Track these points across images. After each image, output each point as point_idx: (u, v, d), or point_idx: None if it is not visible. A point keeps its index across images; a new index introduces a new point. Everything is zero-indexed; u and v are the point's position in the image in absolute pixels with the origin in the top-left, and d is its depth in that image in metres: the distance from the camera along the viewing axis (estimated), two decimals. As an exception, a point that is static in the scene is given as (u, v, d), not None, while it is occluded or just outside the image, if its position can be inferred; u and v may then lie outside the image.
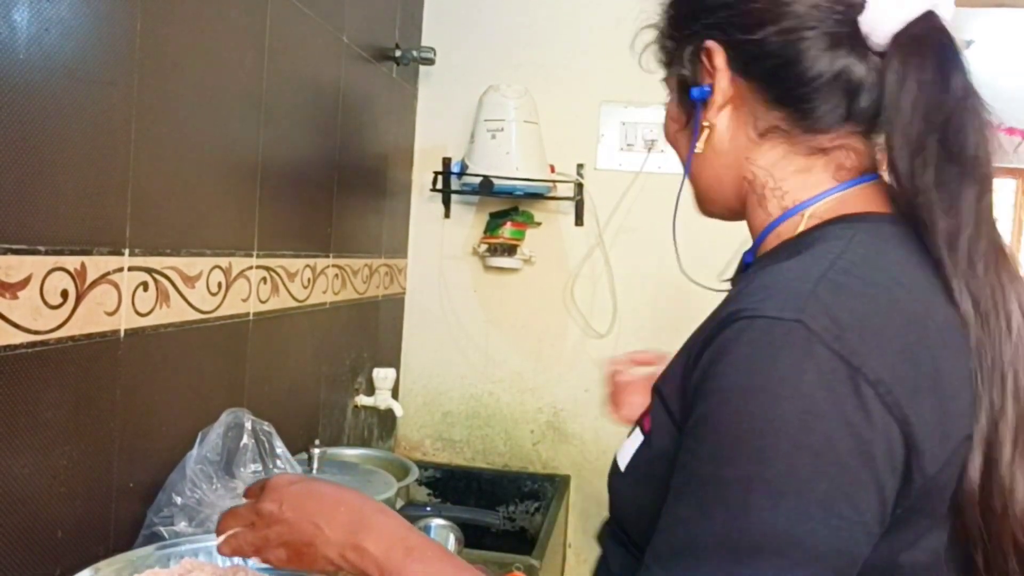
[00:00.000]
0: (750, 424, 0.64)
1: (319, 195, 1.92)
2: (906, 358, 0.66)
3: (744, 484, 0.63)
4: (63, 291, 1.08)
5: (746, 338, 0.66)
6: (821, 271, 0.69)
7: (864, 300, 0.68)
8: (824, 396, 0.63)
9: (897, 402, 0.64)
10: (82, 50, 1.09)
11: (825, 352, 0.64)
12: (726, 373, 0.66)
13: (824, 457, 0.62)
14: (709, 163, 0.86)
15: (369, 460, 1.95)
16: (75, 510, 1.15)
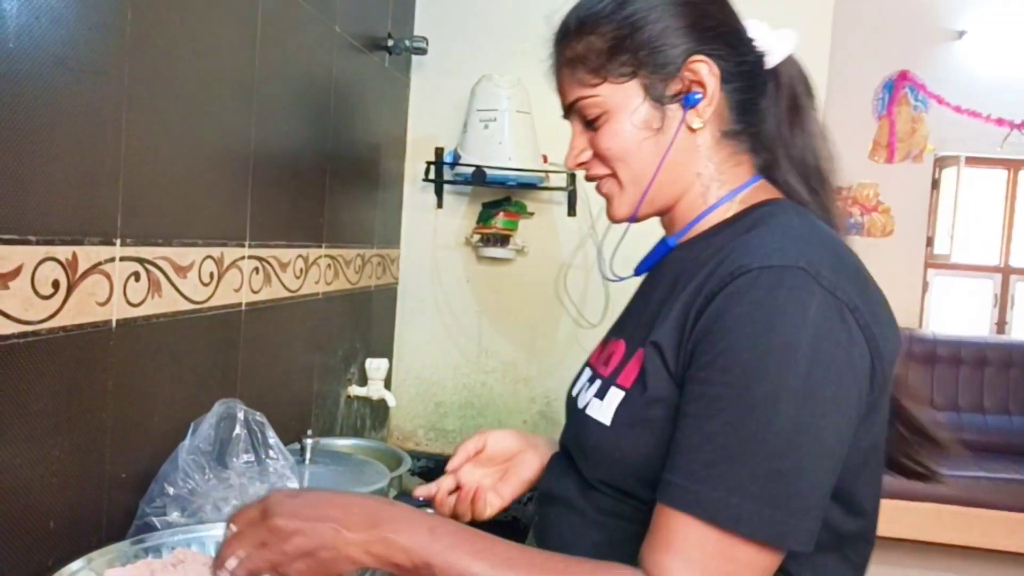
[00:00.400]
0: (772, 349, 0.80)
1: (311, 185, 1.92)
2: (864, 293, 0.87)
3: (772, 396, 0.79)
4: (54, 281, 1.08)
5: (761, 284, 0.83)
6: (796, 234, 0.90)
7: (828, 252, 0.88)
8: (823, 323, 0.82)
9: (867, 324, 0.85)
10: (72, 39, 1.09)
11: (820, 290, 0.82)
12: (745, 312, 0.83)
13: (829, 368, 0.81)
14: (673, 163, 1.01)
15: (362, 450, 1.95)
16: (68, 500, 1.15)
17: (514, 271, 2.60)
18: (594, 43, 1.00)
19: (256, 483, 1.29)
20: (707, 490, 0.80)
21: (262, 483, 1.30)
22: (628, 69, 0.99)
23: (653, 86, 0.99)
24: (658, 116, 1.00)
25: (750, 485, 0.79)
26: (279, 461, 1.35)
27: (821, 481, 0.82)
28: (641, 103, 0.99)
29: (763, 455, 0.79)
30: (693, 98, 0.99)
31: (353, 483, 1.50)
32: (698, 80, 0.98)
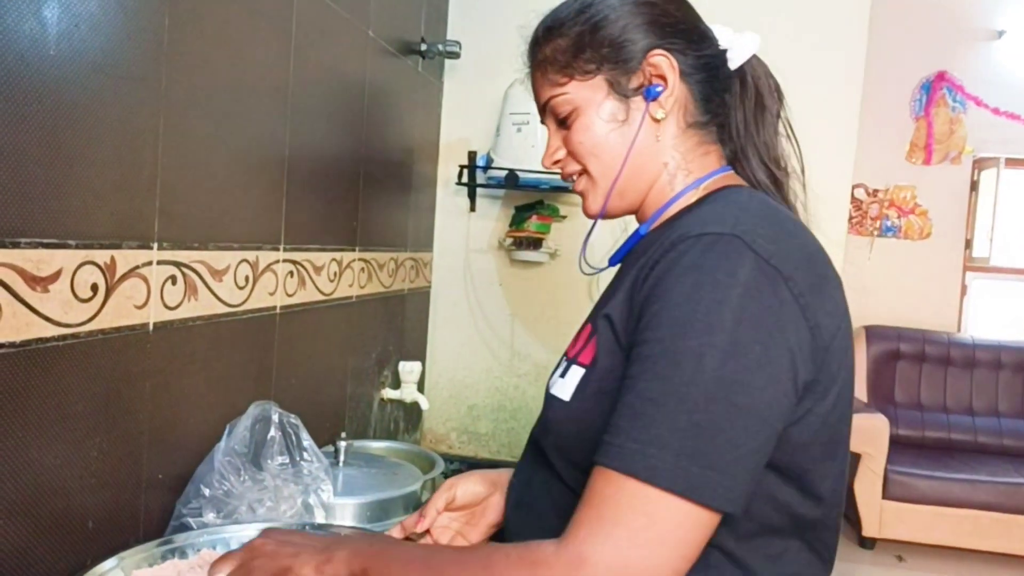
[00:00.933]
0: (699, 306, 0.83)
1: (345, 189, 1.93)
2: (806, 264, 0.89)
3: (696, 351, 0.81)
4: (93, 284, 1.09)
5: (694, 249, 0.86)
6: (740, 207, 0.94)
7: (773, 223, 0.91)
8: (754, 286, 0.84)
9: (803, 294, 0.86)
10: (111, 46, 1.10)
11: (754, 256, 0.85)
12: (678, 274, 0.86)
13: (756, 328, 0.83)
14: (640, 153, 1.05)
15: (395, 453, 1.96)
16: (105, 501, 1.16)
17: (547, 274, 2.60)
18: (560, 44, 1.07)
19: (291, 485, 1.30)
20: (629, 443, 0.81)
21: (296, 485, 1.31)
22: (592, 66, 1.05)
23: (616, 81, 1.05)
24: (623, 108, 1.05)
25: (669, 437, 0.79)
26: (313, 463, 1.36)
27: (744, 440, 0.81)
28: (606, 97, 1.05)
29: (684, 408, 0.80)
30: (654, 90, 1.04)
31: (387, 485, 1.50)
32: (659, 73, 1.04)
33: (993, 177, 5.05)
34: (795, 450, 0.89)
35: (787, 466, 0.90)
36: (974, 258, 5.18)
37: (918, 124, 5.16)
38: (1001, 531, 4.05)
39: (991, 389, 4.70)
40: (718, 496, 0.79)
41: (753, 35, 1.11)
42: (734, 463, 0.81)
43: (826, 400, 0.90)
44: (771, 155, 1.12)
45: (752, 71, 1.12)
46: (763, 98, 1.12)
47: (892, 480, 4.12)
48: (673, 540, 0.79)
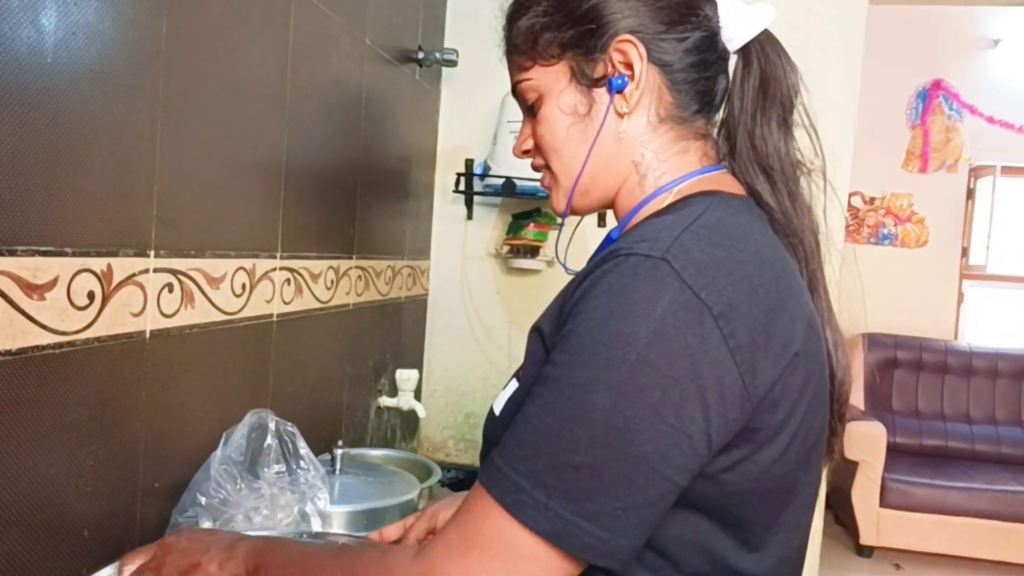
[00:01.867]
0: (604, 336, 0.75)
1: (342, 197, 1.93)
2: (750, 297, 0.78)
3: (588, 385, 0.74)
4: (89, 292, 1.09)
5: (618, 270, 0.77)
6: (685, 225, 0.81)
7: (719, 248, 0.80)
8: (672, 322, 0.74)
9: (734, 333, 0.75)
10: (108, 53, 1.10)
11: (681, 286, 0.75)
12: (595, 296, 0.77)
13: (661, 372, 0.73)
14: (604, 151, 0.96)
15: (392, 461, 1.96)
16: (101, 510, 1.16)
17: (544, 282, 2.60)
18: (523, 25, 0.98)
19: (287, 493, 1.30)
20: (507, 469, 0.76)
21: (293, 493, 1.31)
22: (555, 50, 0.96)
23: (579, 68, 0.95)
24: (585, 101, 0.95)
25: (545, 475, 0.73)
26: (310, 471, 1.36)
27: (627, 492, 0.73)
28: (567, 86, 0.96)
29: (564, 445, 0.73)
30: (618, 81, 0.93)
31: (383, 493, 1.50)
32: (626, 61, 0.93)
33: (989, 185, 5.07)
34: (730, 499, 0.81)
35: (723, 514, 0.82)
36: (970, 266, 5.20)
37: (914, 132, 5.18)
38: (999, 539, 4.05)
39: (988, 397, 4.71)
40: (586, 547, 0.73)
41: (766, 7, 0.97)
42: (610, 515, 0.73)
43: (770, 447, 0.81)
44: (768, 152, 0.96)
45: (759, 51, 0.96)
46: (769, 83, 0.96)
47: (889, 488, 4.12)
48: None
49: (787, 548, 0.89)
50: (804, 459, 0.85)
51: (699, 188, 0.93)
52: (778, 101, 0.96)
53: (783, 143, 0.97)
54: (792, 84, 0.97)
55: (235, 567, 0.93)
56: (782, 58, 0.97)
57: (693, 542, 0.82)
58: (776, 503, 0.85)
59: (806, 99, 0.99)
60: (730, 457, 0.79)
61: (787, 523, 0.87)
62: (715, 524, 0.82)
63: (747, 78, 0.96)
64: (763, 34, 0.97)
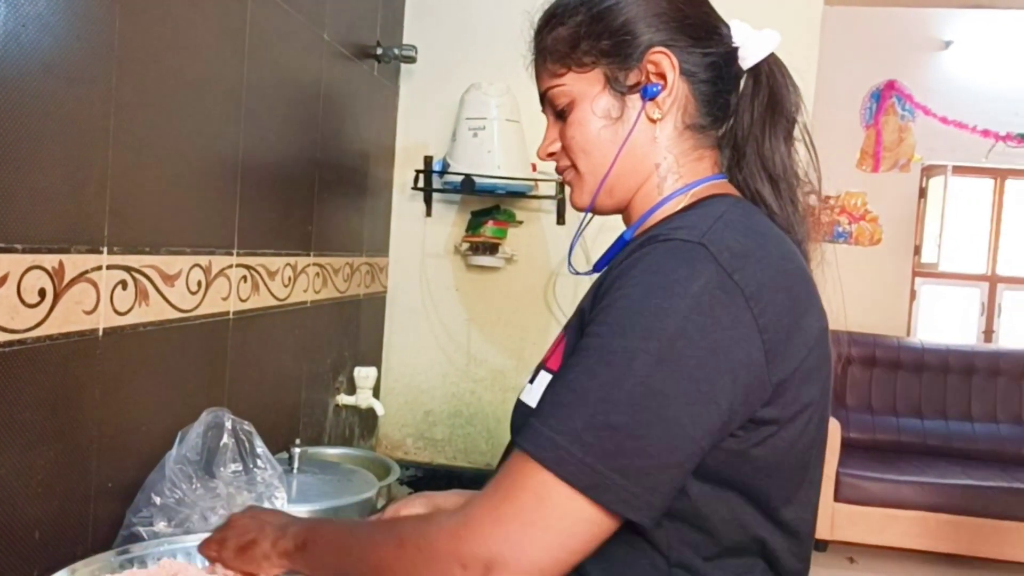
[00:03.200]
0: (645, 309, 0.81)
1: (300, 193, 1.91)
2: (776, 283, 0.86)
3: (629, 352, 0.80)
4: (40, 290, 1.07)
5: (657, 252, 0.85)
6: (715, 217, 0.90)
7: (748, 237, 0.88)
8: (708, 300, 0.81)
9: (763, 314, 0.83)
10: (60, 47, 1.08)
11: (717, 268, 0.82)
12: (634, 275, 0.84)
13: (697, 343, 0.80)
14: (632, 153, 1.02)
15: (350, 459, 1.95)
16: (53, 510, 1.14)
17: (503, 279, 2.60)
18: (561, 33, 1.02)
19: (244, 492, 1.29)
20: (545, 429, 0.80)
21: (250, 492, 1.29)
22: (591, 58, 1.01)
23: (614, 76, 1.01)
24: (618, 106, 1.01)
25: (583, 432, 0.79)
26: (267, 470, 1.34)
27: (659, 451, 0.80)
28: (602, 92, 1.01)
29: (603, 407, 0.79)
30: (652, 89, 1.00)
31: (342, 492, 1.49)
32: (659, 71, 0.99)
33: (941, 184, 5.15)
34: (759, 473, 0.88)
35: (751, 488, 0.88)
36: (923, 264, 5.29)
37: (868, 132, 5.26)
38: (949, 532, 4.12)
39: (939, 392, 4.79)
40: (619, 501, 0.79)
41: (773, 33, 1.05)
42: (644, 472, 0.79)
43: (794, 424, 0.88)
44: (775, 162, 1.04)
45: (768, 71, 1.05)
46: (777, 101, 1.05)
47: (843, 483, 4.18)
48: (558, 529, 0.79)
49: (803, 523, 0.95)
50: (817, 437, 0.94)
51: (712, 191, 1.01)
52: (784, 117, 1.05)
53: (787, 155, 1.05)
54: (795, 102, 1.06)
55: (286, 543, 0.98)
56: (787, 79, 1.06)
57: (728, 515, 0.88)
58: (795, 479, 0.92)
59: (808, 118, 1.08)
60: (760, 433, 0.86)
61: (801, 499, 0.94)
62: (743, 498, 0.89)
63: (757, 95, 1.05)
64: (771, 56, 1.06)
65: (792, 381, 0.86)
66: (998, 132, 5.16)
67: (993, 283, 5.47)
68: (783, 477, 0.91)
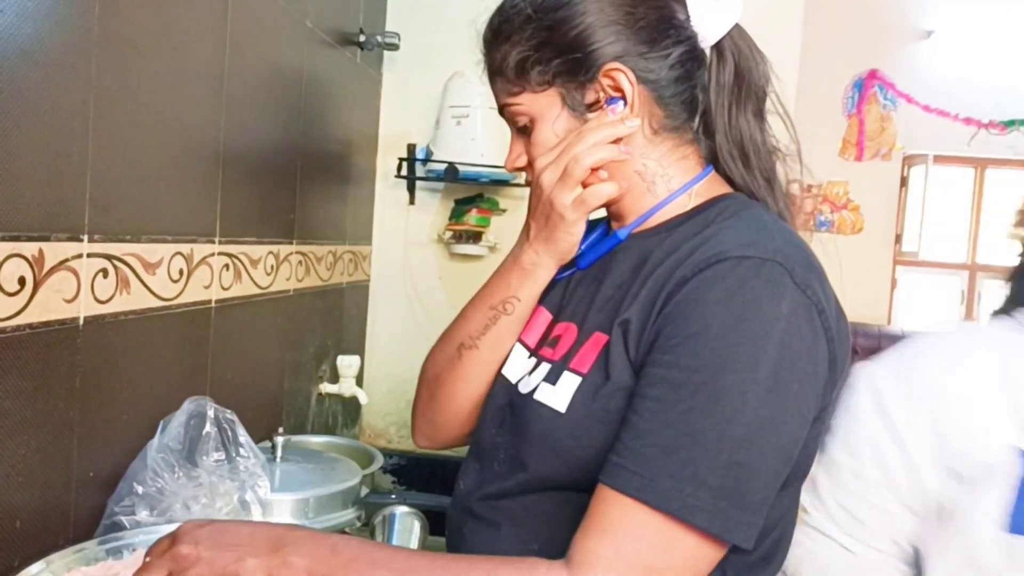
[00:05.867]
0: (745, 337, 0.79)
1: (282, 181, 1.91)
2: (825, 290, 0.86)
3: (740, 386, 0.78)
4: (20, 278, 1.06)
5: (737, 273, 0.82)
6: (768, 228, 0.89)
7: (799, 249, 0.87)
8: (796, 320, 0.81)
9: (830, 327, 0.84)
10: (39, 32, 1.07)
11: (794, 285, 0.82)
12: (719, 299, 0.81)
13: (796, 366, 0.80)
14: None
15: (333, 448, 1.94)
16: (34, 500, 1.14)
17: (487, 268, 2.58)
18: (510, 53, 0.98)
19: (227, 481, 1.28)
20: (663, 478, 0.78)
21: (232, 481, 1.29)
22: (545, 78, 0.97)
23: (570, 95, 0.97)
24: (579, 125, 0.97)
25: (708, 476, 0.77)
26: (250, 459, 1.34)
27: (772, 479, 0.81)
28: (560, 111, 0.97)
29: (724, 446, 0.78)
30: (613, 103, 0.96)
31: (325, 481, 1.49)
32: (616, 87, 0.95)
33: (922, 173, 5.18)
34: (796, 478, 0.90)
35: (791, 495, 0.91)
36: (904, 252, 5.32)
37: (850, 121, 5.28)
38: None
39: (919, 380, 4.82)
40: (747, 536, 0.79)
41: (733, 3, 1.00)
42: (762, 502, 0.80)
43: (819, 432, 0.90)
44: (746, 138, 1.01)
45: (732, 45, 1.01)
46: (743, 75, 1.01)
47: (825, 470, 4.21)
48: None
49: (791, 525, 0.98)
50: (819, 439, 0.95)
51: (714, 190, 0.99)
52: (752, 92, 1.01)
53: (759, 132, 1.02)
54: (764, 74, 1.02)
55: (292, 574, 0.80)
56: (753, 50, 1.02)
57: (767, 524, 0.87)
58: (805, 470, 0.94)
59: (777, 87, 1.04)
60: (812, 431, 0.87)
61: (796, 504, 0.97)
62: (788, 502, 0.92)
63: (722, 72, 1.00)
64: (734, 28, 1.01)
65: (834, 387, 0.89)
66: (980, 120, 5.19)
67: (973, 271, 5.51)
68: (803, 476, 0.93)
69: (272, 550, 0.81)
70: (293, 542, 0.82)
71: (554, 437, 0.90)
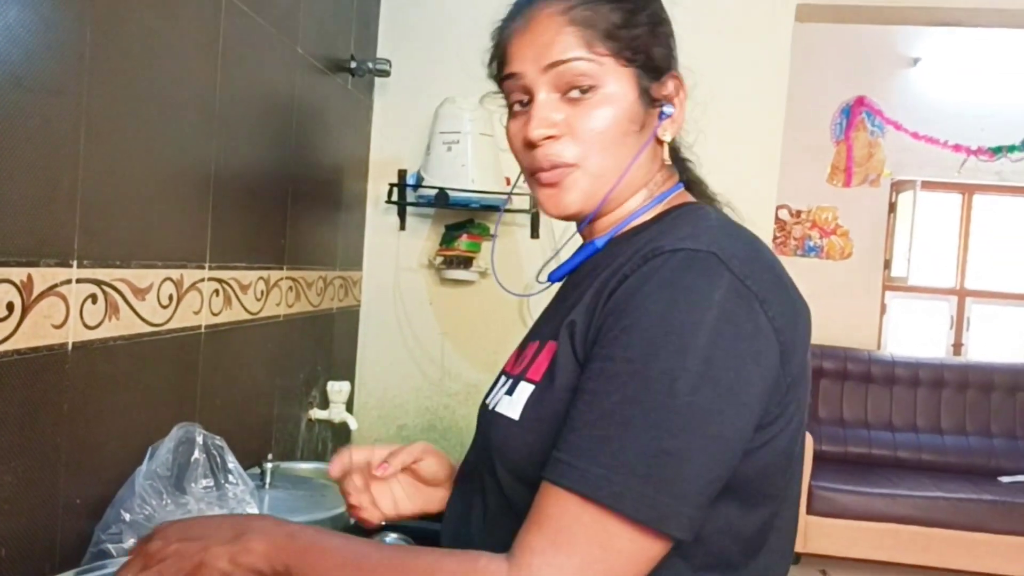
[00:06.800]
0: (672, 325, 0.79)
1: (273, 207, 1.91)
2: (777, 286, 0.86)
3: (669, 374, 0.78)
4: (8, 304, 1.06)
5: (670, 264, 0.83)
6: (711, 224, 0.90)
7: (745, 243, 0.88)
8: (730, 308, 0.80)
9: (776, 318, 0.83)
10: (30, 58, 1.07)
11: (730, 276, 0.81)
12: (651, 290, 0.82)
13: (731, 354, 0.80)
14: (638, 167, 0.98)
15: (323, 475, 1.93)
16: (20, 527, 1.12)
17: (477, 293, 2.60)
18: (610, 12, 0.93)
19: (215, 508, 1.27)
20: (593, 467, 0.77)
21: (221, 508, 1.28)
22: (632, 56, 0.93)
23: (645, 86, 0.95)
24: (642, 117, 0.96)
25: (636, 463, 0.76)
26: (239, 486, 1.33)
27: (709, 468, 0.79)
28: (635, 99, 0.94)
29: (653, 434, 0.77)
30: (668, 110, 0.98)
31: (314, 507, 1.48)
32: (675, 94, 0.99)
33: (910, 199, 5.21)
34: (758, 473, 0.86)
35: (750, 495, 0.87)
36: (893, 277, 5.33)
37: (839, 147, 5.31)
38: (921, 544, 4.15)
39: (909, 405, 4.83)
40: (682, 526, 0.77)
41: None
42: (699, 492, 0.78)
43: (792, 423, 0.88)
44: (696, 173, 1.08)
45: None
46: None
47: (816, 495, 4.20)
48: (623, 569, 0.77)
49: (790, 522, 0.95)
50: (801, 431, 0.93)
51: (679, 200, 1.01)
52: None
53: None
54: None
55: (253, 561, 0.84)
56: None
57: (723, 525, 0.86)
58: (786, 475, 0.91)
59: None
60: (767, 433, 0.85)
61: (789, 495, 0.94)
62: (742, 507, 0.87)
63: None
64: None
65: (797, 381, 0.87)
66: (969, 147, 5.23)
67: (962, 297, 5.53)
68: (777, 475, 0.90)
69: (234, 537, 0.85)
70: (254, 530, 0.86)
71: (509, 445, 0.91)
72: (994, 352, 5.31)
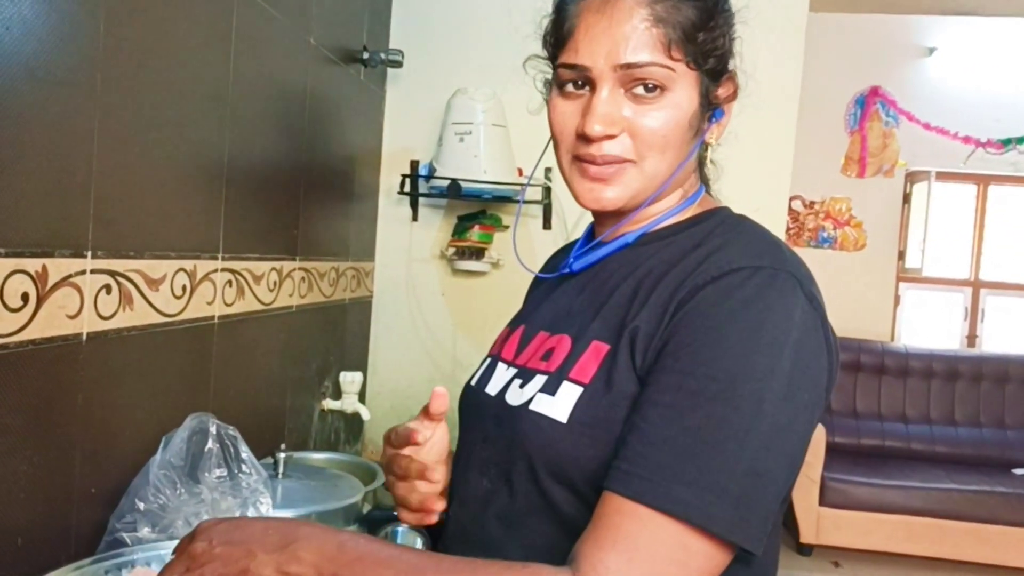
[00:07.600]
0: (760, 346, 0.80)
1: (285, 197, 1.91)
2: (823, 304, 0.88)
3: (758, 394, 0.79)
4: (23, 294, 1.06)
5: (754, 282, 0.83)
6: (774, 241, 0.91)
7: (801, 262, 0.90)
8: (808, 329, 0.83)
9: (830, 338, 0.87)
10: (44, 50, 1.08)
11: (803, 296, 0.84)
12: (733, 308, 0.82)
13: (807, 375, 0.82)
14: (685, 168, 0.98)
15: (336, 464, 1.94)
16: (36, 516, 1.13)
17: (489, 284, 2.60)
18: (692, 15, 0.90)
19: (228, 498, 1.28)
20: (676, 485, 0.76)
21: (234, 498, 1.29)
22: (702, 60, 0.92)
23: (706, 89, 0.94)
24: (699, 119, 0.94)
25: (728, 484, 0.76)
26: (252, 476, 1.34)
27: (786, 485, 0.83)
28: (698, 104, 0.93)
29: (743, 454, 0.77)
30: (719, 113, 0.98)
31: (327, 497, 1.48)
32: (729, 97, 0.99)
33: (924, 190, 5.18)
34: None
35: None
36: (907, 269, 5.31)
37: (853, 138, 5.28)
38: (934, 536, 4.14)
39: (923, 397, 4.81)
40: (760, 542, 0.79)
41: None
42: (774, 509, 0.81)
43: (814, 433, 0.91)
44: None
45: None
46: None
47: (828, 487, 4.19)
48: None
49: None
50: None
51: (707, 204, 1.02)
52: None
53: None
54: None
55: (302, 571, 0.79)
56: None
57: None
58: None
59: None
60: None
61: None
62: None
63: None
64: None
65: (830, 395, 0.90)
66: (979, 139, 5.19)
67: (976, 288, 5.50)
68: None
69: (281, 546, 0.81)
70: (302, 538, 0.82)
71: (555, 448, 0.88)
72: (1009, 344, 5.28)
